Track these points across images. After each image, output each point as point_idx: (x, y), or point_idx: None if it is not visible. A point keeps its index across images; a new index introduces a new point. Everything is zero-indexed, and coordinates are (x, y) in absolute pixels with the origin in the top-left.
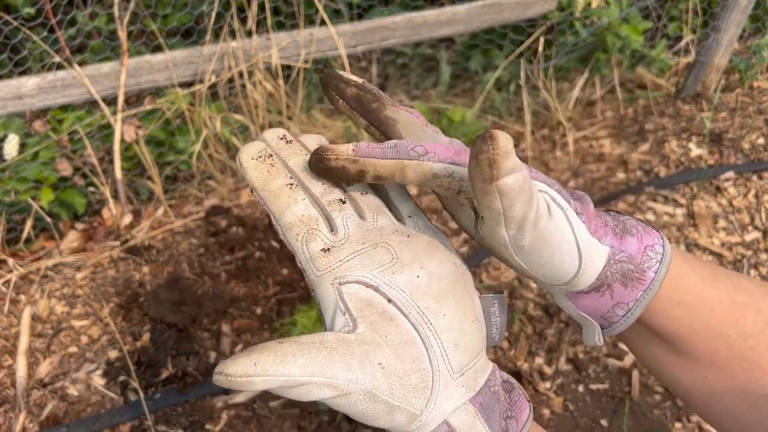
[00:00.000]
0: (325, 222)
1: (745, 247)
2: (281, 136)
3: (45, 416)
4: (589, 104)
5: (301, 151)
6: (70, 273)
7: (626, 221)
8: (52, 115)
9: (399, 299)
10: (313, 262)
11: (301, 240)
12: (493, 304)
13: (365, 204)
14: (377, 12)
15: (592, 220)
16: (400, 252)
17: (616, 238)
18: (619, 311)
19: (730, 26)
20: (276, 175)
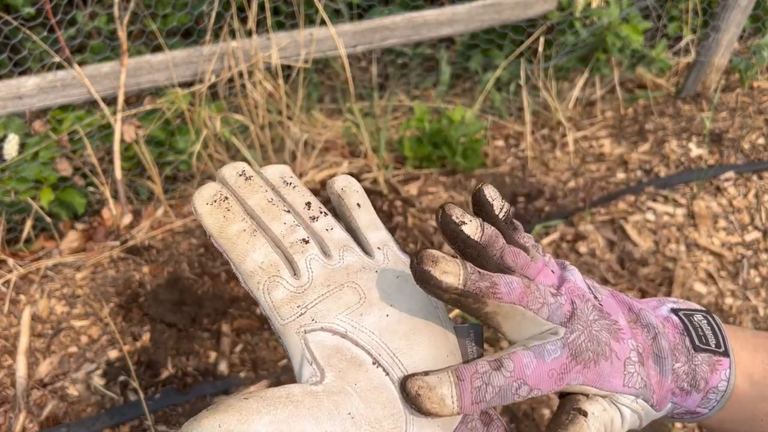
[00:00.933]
0: (287, 266)
1: (745, 247)
2: (240, 172)
3: (45, 416)
4: (589, 104)
5: (261, 188)
6: (70, 273)
7: (698, 367)
8: (52, 115)
9: (368, 342)
10: (276, 310)
11: (263, 289)
12: (469, 335)
13: (330, 240)
14: (377, 12)
15: (662, 399)
16: (367, 291)
17: (682, 395)
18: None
19: (730, 26)
20: (232, 221)
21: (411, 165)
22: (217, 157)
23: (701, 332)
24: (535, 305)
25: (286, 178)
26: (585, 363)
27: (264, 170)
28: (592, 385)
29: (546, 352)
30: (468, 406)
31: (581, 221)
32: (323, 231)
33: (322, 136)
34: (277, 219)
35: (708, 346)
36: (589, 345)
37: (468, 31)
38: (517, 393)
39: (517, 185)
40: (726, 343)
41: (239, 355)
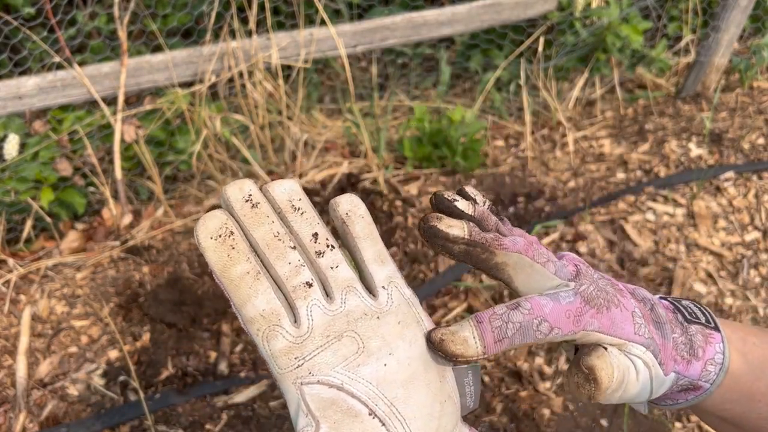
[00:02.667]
0: (288, 314)
1: (745, 247)
2: (246, 197)
3: (45, 416)
4: (589, 104)
5: (268, 219)
6: (70, 273)
7: (694, 337)
8: (52, 115)
9: (364, 393)
10: (274, 359)
11: (262, 336)
12: (467, 375)
13: (335, 281)
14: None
15: (667, 359)
16: (367, 340)
17: (683, 363)
18: (669, 402)
19: (730, 26)
20: (237, 261)
21: (411, 165)
22: (217, 157)
23: (690, 311)
24: (541, 259)
25: (294, 201)
26: (598, 308)
27: (272, 188)
28: (607, 332)
29: (560, 297)
30: (491, 345)
31: (581, 221)
32: (328, 269)
33: (322, 136)
34: (281, 258)
35: (697, 320)
36: (599, 293)
37: (468, 31)
38: (538, 330)
39: (517, 185)
40: (715, 321)
41: (239, 355)
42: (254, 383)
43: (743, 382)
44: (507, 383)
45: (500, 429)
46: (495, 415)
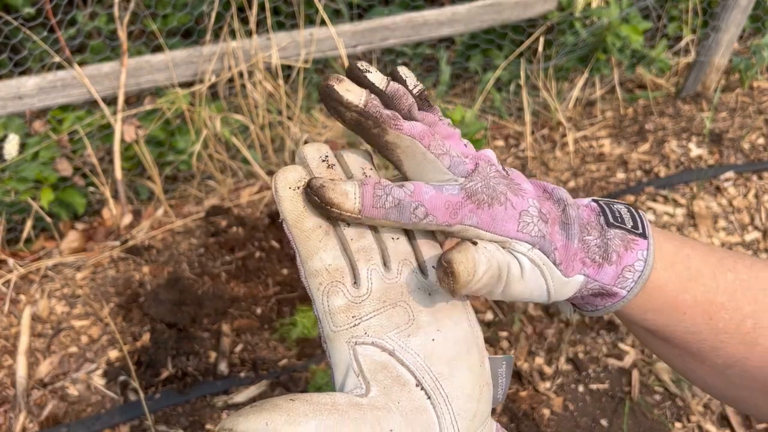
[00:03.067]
0: (350, 273)
1: (745, 247)
2: (323, 158)
3: (45, 416)
4: (589, 104)
5: (343, 178)
6: (70, 273)
7: (610, 241)
8: (52, 115)
9: (413, 363)
10: (331, 316)
11: (323, 291)
12: (501, 366)
13: (394, 252)
14: (377, 12)
15: (569, 260)
16: (417, 313)
17: (594, 266)
18: (589, 308)
19: (730, 26)
20: (311, 213)
21: None
22: (217, 157)
23: (617, 215)
24: (437, 150)
25: (366, 170)
26: (479, 203)
27: (346, 155)
28: (486, 229)
29: (443, 189)
30: (368, 207)
31: None
32: (389, 239)
33: (322, 136)
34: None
35: (622, 224)
36: (484, 190)
37: (468, 31)
38: (414, 213)
39: None
40: (645, 227)
41: (239, 355)
42: (254, 383)
43: (668, 292)
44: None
45: None
46: (495, 415)
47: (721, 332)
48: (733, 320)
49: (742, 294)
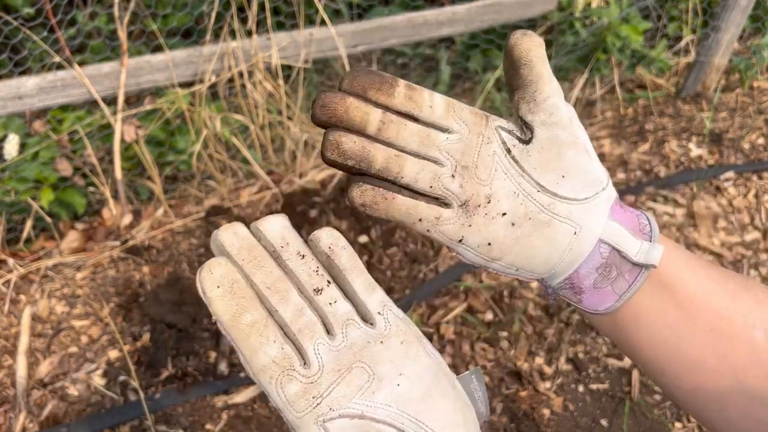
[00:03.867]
0: (297, 356)
1: (745, 247)
2: (241, 242)
3: (45, 416)
4: (589, 104)
5: (267, 260)
6: (70, 273)
7: (608, 275)
8: (52, 115)
9: (388, 415)
10: (291, 404)
11: (276, 383)
12: (472, 381)
13: (334, 317)
14: (377, 12)
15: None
16: (375, 366)
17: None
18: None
19: (730, 26)
20: (245, 309)
21: None
22: (217, 157)
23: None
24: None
25: (287, 238)
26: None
27: (262, 227)
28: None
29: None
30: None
31: None
32: (327, 305)
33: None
34: (284, 301)
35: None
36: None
37: (468, 31)
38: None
39: None
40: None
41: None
42: (254, 383)
43: (674, 271)
44: (507, 383)
45: (500, 429)
46: (495, 415)
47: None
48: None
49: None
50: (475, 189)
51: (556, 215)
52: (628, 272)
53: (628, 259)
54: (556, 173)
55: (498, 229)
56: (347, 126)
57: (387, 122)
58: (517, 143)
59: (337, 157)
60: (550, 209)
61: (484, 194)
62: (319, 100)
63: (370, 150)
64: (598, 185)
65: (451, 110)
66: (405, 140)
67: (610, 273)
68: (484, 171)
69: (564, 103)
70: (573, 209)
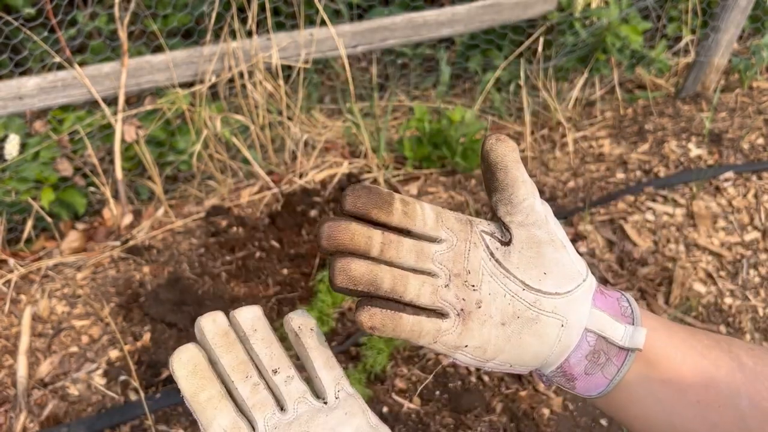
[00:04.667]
0: (248, 428)
1: (744, 247)
2: (218, 329)
3: (45, 416)
4: (588, 104)
5: (235, 345)
6: (70, 273)
7: (597, 362)
8: (53, 115)
9: None
10: None
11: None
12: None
13: (288, 395)
14: (377, 12)
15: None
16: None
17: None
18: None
19: (729, 26)
20: (204, 387)
21: (411, 165)
22: (218, 158)
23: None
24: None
25: (256, 325)
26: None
27: (238, 315)
28: None
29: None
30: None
31: (581, 221)
32: (282, 384)
33: (322, 136)
34: (243, 380)
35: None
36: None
37: (468, 32)
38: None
39: None
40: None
41: None
42: None
43: (664, 346)
44: (507, 383)
45: (500, 429)
46: (495, 415)
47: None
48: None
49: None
50: (467, 295)
51: (542, 311)
52: (615, 356)
53: (614, 344)
54: (538, 270)
55: (490, 331)
56: (352, 251)
57: (387, 242)
58: (499, 245)
59: (348, 283)
60: (537, 306)
61: (475, 299)
62: (323, 232)
63: (377, 273)
64: (579, 277)
65: (440, 220)
66: (404, 258)
67: (598, 359)
68: (474, 276)
69: (540, 202)
70: (558, 303)
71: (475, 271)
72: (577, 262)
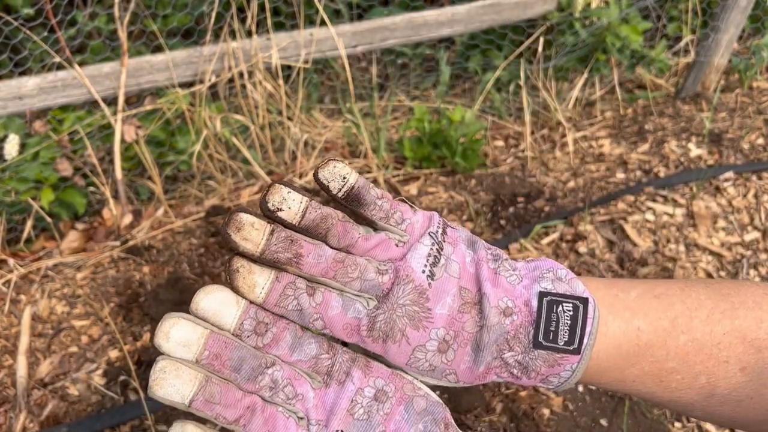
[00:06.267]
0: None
1: (744, 247)
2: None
3: (45, 416)
4: (588, 104)
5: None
6: (70, 273)
7: (532, 362)
8: (53, 115)
9: None
10: None
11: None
12: None
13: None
14: (377, 12)
15: (477, 378)
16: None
17: (512, 377)
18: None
19: (729, 26)
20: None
21: (411, 165)
22: (218, 157)
23: (553, 327)
24: (345, 279)
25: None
26: (374, 339)
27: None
28: (380, 354)
29: (351, 308)
30: (271, 305)
31: (581, 221)
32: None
33: (322, 136)
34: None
35: (553, 343)
36: (383, 326)
37: (468, 32)
38: (313, 323)
39: (516, 185)
40: (582, 340)
41: None
42: None
43: (612, 372)
44: (507, 383)
45: (500, 429)
46: (495, 415)
47: (674, 390)
48: (686, 379)
49: (694, 355)
50: None
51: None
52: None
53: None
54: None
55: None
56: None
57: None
58: None
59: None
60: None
61: None
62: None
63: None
64: None
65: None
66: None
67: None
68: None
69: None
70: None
71: None
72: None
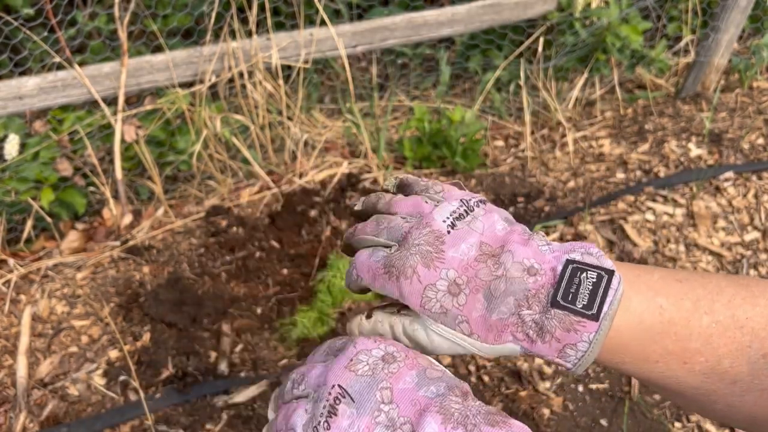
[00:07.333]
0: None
1: (744, 247)
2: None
3: (45, 416)
4: (588, 104)
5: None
6: (70, 273)
7: (547, 321)
8: (53, 115)
9: None
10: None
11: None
12: None
13: None
14: (377, 12)
15: (491, 332)
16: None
17: (526, 340)
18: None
19: (729, 26)
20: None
21: (411, 165)
22: (218, 157)
23: (573, 290)
24: (375, 231)
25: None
26: (389, 275)
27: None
28: (398, 297)
29: (375, 255)
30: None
31: (581, 221)
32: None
33: (322, 136)
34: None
35: (571, 304)
36: (397, 263)
37: (468, 32)
38: (351, 276)
39: (516, 185)
40: (602, 307)
41: (239, 355)
42: (254, 383)
43: (633, 348)
44: (507, 383)
45: None
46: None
47: (698, 374)
48: (709, 362)
49: (717, 337)
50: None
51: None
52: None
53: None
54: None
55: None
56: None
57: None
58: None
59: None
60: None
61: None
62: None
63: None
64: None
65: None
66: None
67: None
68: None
69: None
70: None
71: None
72: None
